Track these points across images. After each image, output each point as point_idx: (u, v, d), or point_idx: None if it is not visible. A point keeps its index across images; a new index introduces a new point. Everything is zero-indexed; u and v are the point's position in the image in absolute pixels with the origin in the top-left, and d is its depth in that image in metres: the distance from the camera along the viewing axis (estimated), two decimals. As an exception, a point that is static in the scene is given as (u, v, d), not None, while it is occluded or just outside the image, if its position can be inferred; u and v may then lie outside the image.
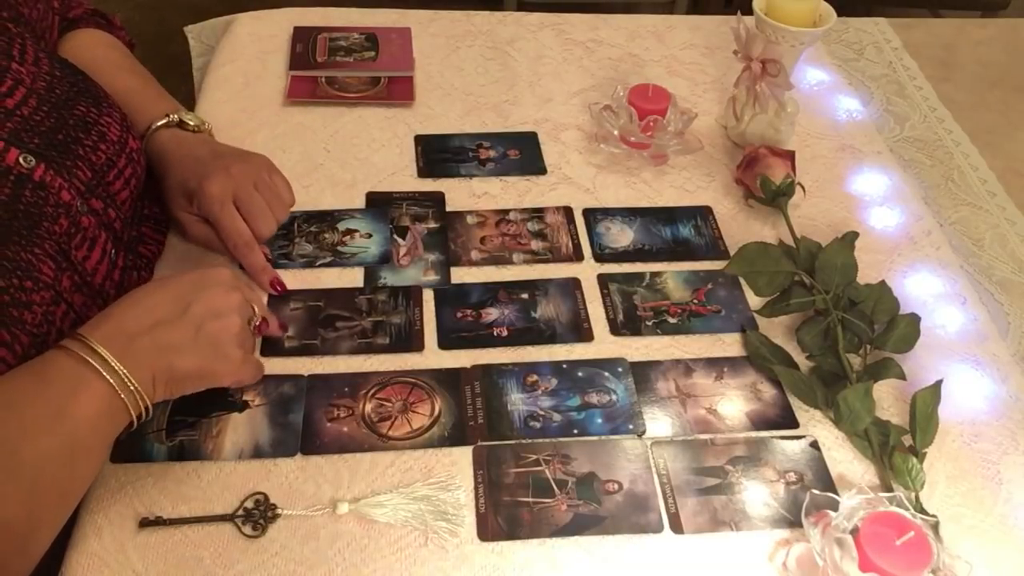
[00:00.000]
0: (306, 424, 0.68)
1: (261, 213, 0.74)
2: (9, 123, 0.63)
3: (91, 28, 0.88)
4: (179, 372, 0.59)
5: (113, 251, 0.72)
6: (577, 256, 0.84)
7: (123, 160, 0.73)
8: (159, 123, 0.79)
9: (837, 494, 0.64)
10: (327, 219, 0.85)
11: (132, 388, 0.56)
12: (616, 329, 0.77)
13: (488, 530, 0.63)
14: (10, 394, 0.54)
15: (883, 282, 0.80)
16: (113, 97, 0.77)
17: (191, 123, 0.81)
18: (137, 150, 0.76)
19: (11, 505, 0.51)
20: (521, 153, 0.95)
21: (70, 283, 0.65)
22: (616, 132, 0.94)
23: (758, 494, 0.66)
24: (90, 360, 0.55)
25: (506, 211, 0.88)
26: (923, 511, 0.63)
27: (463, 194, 0.89)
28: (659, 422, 0.70)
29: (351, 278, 0.79)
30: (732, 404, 0.72)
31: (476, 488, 0.65)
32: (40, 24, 0.80)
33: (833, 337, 0.75)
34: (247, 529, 0.61)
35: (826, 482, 0.67)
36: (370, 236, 0.83)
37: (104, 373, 0.56)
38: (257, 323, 0.67)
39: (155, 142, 0.79)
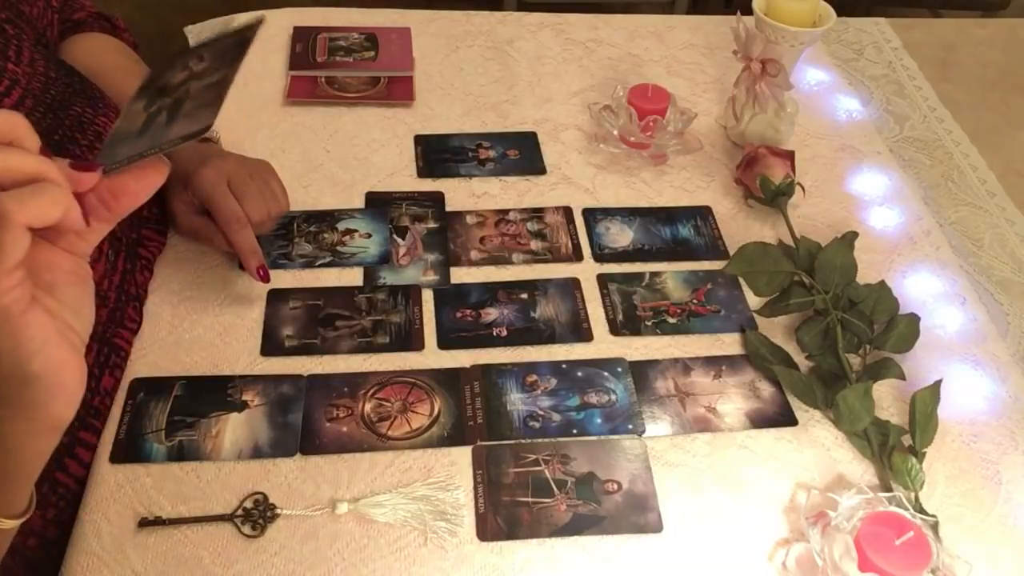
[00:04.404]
0: (305, 424, 0.68)
1: (253, 198, 0.75)
2: None
3: (96, 32, 0.88)
4: None
5: (111, 252, 0.72)
6: (577, 256, 0.84)
7: None
8: None
9: (834, 494, 0.64)
10: (326, 219, 0.85)
11: None
12: (615, 329, 0.77)
13: (487, 530, 0.63)
14: None
15: (883, 282, 0.80)
16: (124, 103, 0.77)
17: None
18: None
19: None
20: (521, 153, 0.95)
21: None
22: (616, 132, 0.94)
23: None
24: None
25: (506, 211, 0.88)
26: (922, 511, 0.63)
27: (463, 194, 0.89)
28: (658, 421, 0.70)
29: (350, 278, 0.79)
30: (731, 403, 0.72)
31: (475, 488, 0.65)
32: (40, 22, 0.80)
33: (833, 337, 0.75)
34: (246, 529, 0.61)
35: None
36: (369, 236, 0.83)
37: None
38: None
39: None
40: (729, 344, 0.77)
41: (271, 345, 0.73)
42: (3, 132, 0.39)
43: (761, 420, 0.71)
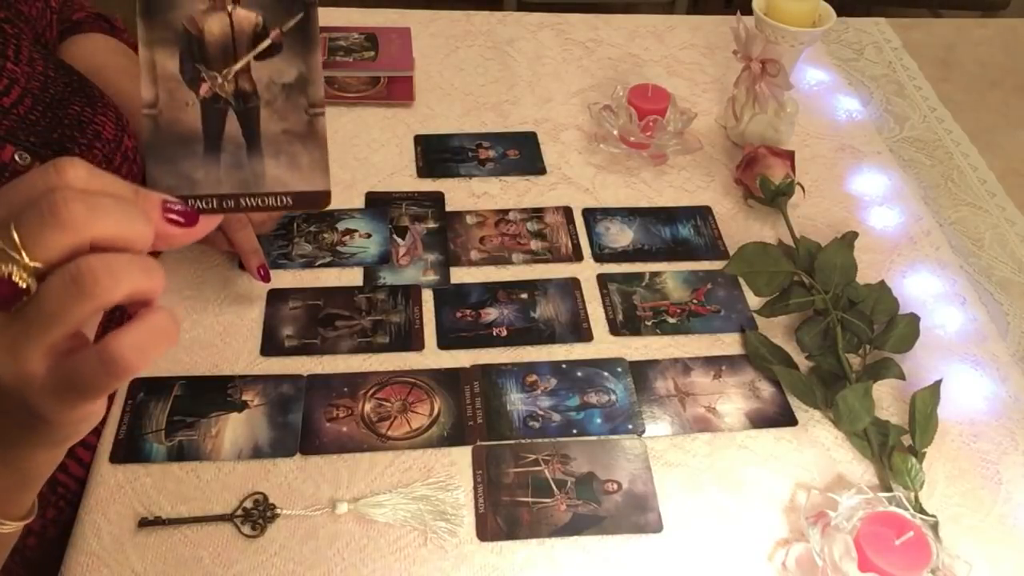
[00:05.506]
0: (305, 424, 0.68)
1: None
2: (6, 121, 0.63)
3: (95, 32, 0.88)
4: None
5: None
6: (576, 256, 0.84)
7: (119, 158, 0.73)
8: None
9: (835, 494, 0.64)
10: (326, 219, 0.85)
11: None
12: (615, 329, 0.77)
13: (487, 530, 0.63)
14: None
15: (882, 282, 0.80)
16: (123, 103, 0.78)
17: None
18: (133, 148, 0.76)
19: None
20: (521, 153, 0.95)
21: None
22: (616, 132, 0.94)
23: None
24: None
25: (505, 211, 0.88)
26: (922, 511, 0.63)
27: (463, 194, 0.89)
28: (658, 421, 0.70)
29: (350, 278, 0.79)
30: (731, 403, 0.72)
31: (475, 488, 0.65)
32: (39, 22, 0.80)
33: (832, 337, 0.75)
34: (246, 529, 0.61)
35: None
36: (369, 236, 0.83)
37: None
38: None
39: None
40: (729, 344, 0.77)
41: (271, 345, 0.73)
42: (127, 236, 0.35)
43: (761, 420, 0.71)
